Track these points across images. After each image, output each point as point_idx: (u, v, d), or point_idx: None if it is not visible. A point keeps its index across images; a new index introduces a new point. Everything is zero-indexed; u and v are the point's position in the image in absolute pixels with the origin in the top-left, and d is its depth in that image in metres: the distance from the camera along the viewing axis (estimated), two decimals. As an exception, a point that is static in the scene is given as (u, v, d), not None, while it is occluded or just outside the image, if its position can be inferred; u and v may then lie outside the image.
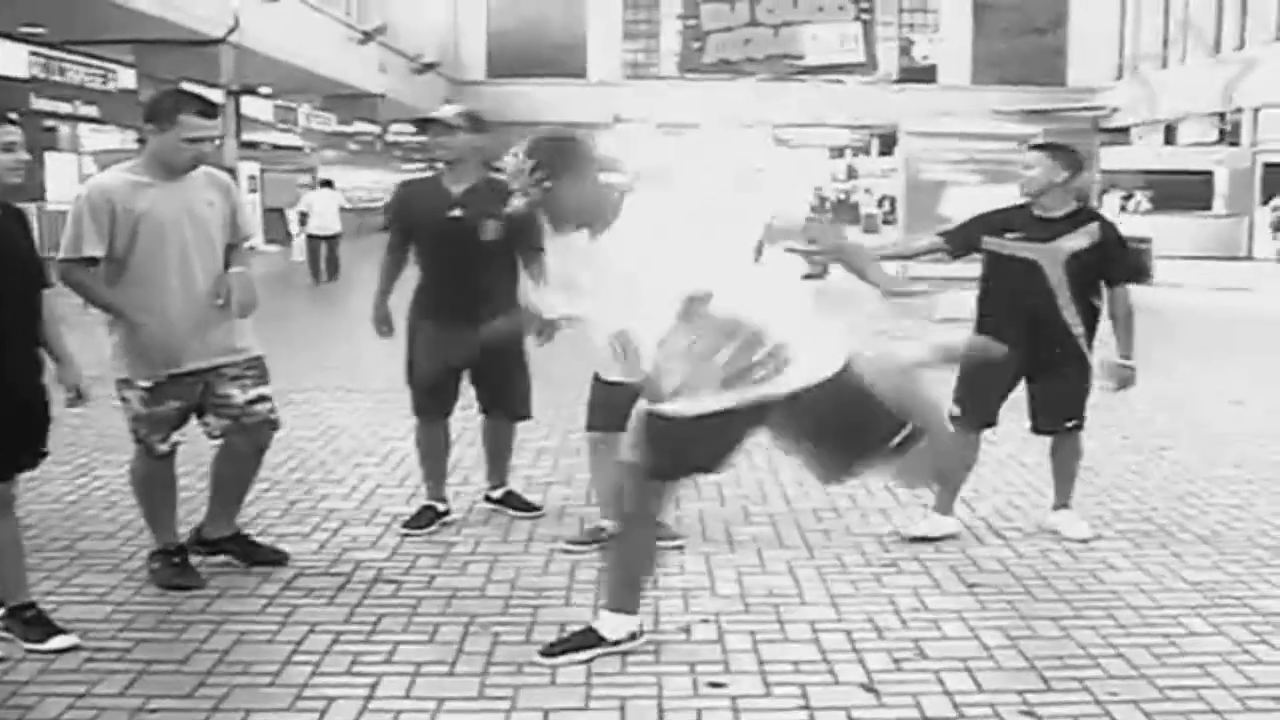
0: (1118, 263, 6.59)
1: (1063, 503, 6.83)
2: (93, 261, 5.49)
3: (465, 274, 6.54)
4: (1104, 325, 6.55)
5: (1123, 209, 34.99)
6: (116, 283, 5.57)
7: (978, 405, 6.56)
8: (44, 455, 5.17)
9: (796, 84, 51.24)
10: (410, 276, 6.80)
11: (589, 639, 4.99)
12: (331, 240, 24.27)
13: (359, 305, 8.59)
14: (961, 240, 6.70)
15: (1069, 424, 6.68)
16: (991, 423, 6.67)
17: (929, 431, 4.80)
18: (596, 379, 6.38)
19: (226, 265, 5.78)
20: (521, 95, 50.35)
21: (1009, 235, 6.51)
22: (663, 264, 4.50)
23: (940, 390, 6.08)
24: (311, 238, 24.71)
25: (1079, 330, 6.48)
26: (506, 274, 6.61)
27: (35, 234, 5.26)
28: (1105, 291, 6.54)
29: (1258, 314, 21.24)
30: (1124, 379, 6.59)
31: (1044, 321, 6.40)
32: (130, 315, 5.50)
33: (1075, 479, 6.86)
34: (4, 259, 4.89)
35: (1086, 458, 6.96)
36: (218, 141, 5.78)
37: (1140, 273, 6.88)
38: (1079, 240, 6.41)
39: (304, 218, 25.07)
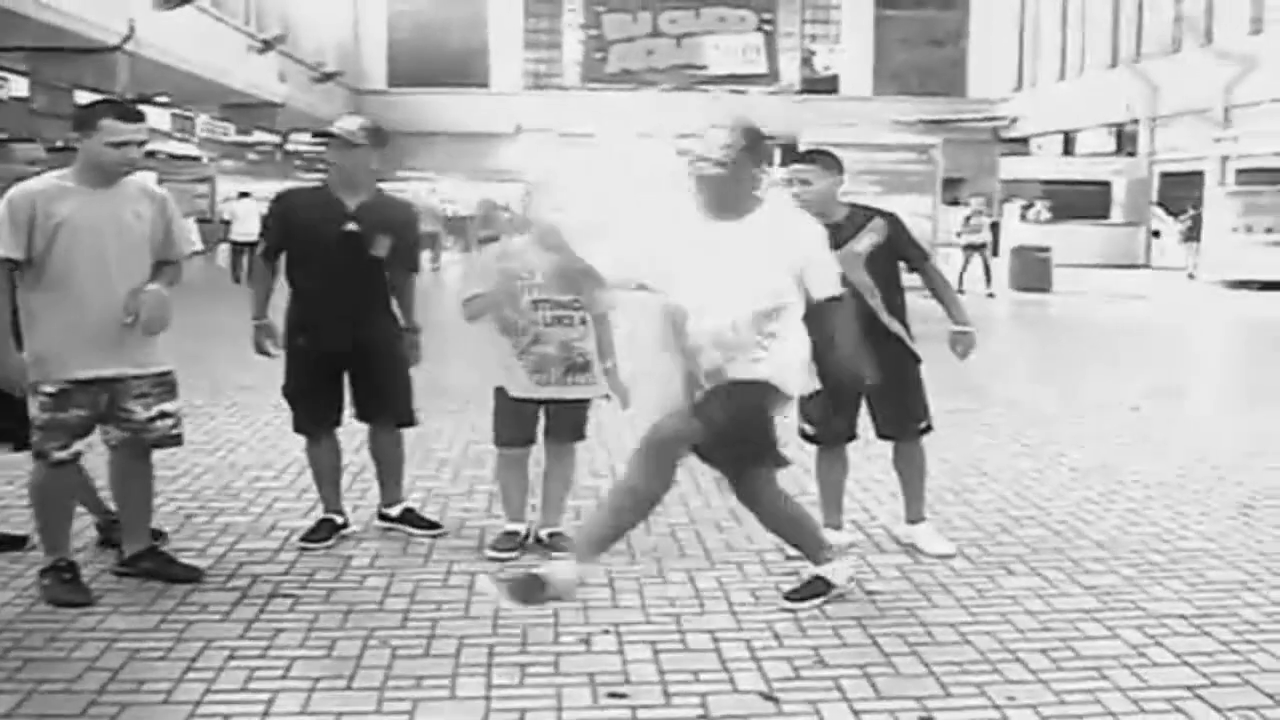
0: (912, 246, 6.57)
1: (918, 516, 6.76)
2: (11, 264, 5.50)
3: (350, 288, 6.49)
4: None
5: (1023, 218, 35.49)
6: (34, 286, 5.57)
7: (827, 422, 6.54)
8: None
9: (699, 94, 51.47)
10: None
11: (819, 586, 5.72)
12: (253, 246, 24.22)
13: (243, 316, 8.52)
14: None
15: (919, 426, 6.65)
16: (850, 436, 6.65)
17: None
18: (501, 393, 6.39)
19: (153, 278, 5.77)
20: (423, 104, 50.19)
21: None
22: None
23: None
24: (234, 244, 26.43)
25: (896, 327, 6.46)
26: (383, 290, 6.67)
27: None
28: (908, 279, 6.56)
29: (1154, 322, 21.62)
30: (967, 344, 6.53)
31: (864, 328, 6.12)
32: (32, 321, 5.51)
33: (924, 486, 6.79)
34: None
35: (985, 464, 7.03)
36: (144, 145, 5.73)
37: (926, 255, 6.82)
38: (869, 239, 6.37)
39: (227, 226, 26.64)
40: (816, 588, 5.71)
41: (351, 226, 6.47)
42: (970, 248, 25.57)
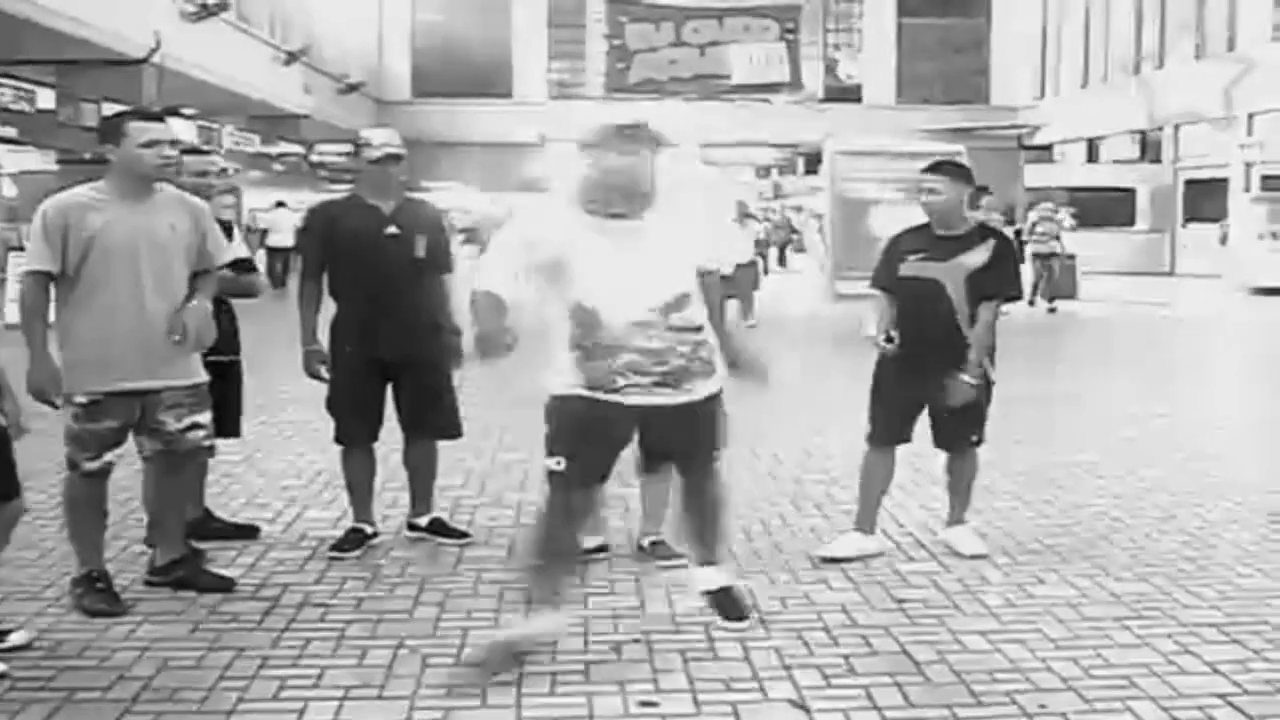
0: (1006, 279, 6.60)
1: (959, 519, 6.87)
2: (48, 277, 5.55)
3: (396, 293, 6.55)
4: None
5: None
6: (69, 299, 5.62)
7: (888, 422, 6.63)
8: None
9: (723, 103, 51.45)
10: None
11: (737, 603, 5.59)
12: (288, 252, 26.61)
13: (272, 324, 8.56)
14: (882, 278, 6.73)
15: (972, 440, 6.71)
16: (904, 439, 6.70)
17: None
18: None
19: (191, 291, 5.80)
20: (447, 115, 50.24)
21: (912, 257, 6.56)
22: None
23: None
24: (271, 250, 28.11)
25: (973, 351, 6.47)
26: (427, 297, 6.71)
27: None
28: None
29: (1182, 329, 21.54)
30: (963, 394, 6.41)
31: (947, 339, 6.40)
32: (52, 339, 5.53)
33: (970, 494, 6.88)
34: None
35: (1014, 475, 7.02)
36: (177, 147, 5.79)
37: (1020, 293, 6.87)
38: (978, 257, 6.45)
39: (265, 234, 28.37)
40: (738, 604, 5.60)
41: (392, 230, 6.56)
42: (1039, 257, 23.73)
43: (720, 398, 5.36)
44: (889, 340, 6.49)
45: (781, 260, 39.39)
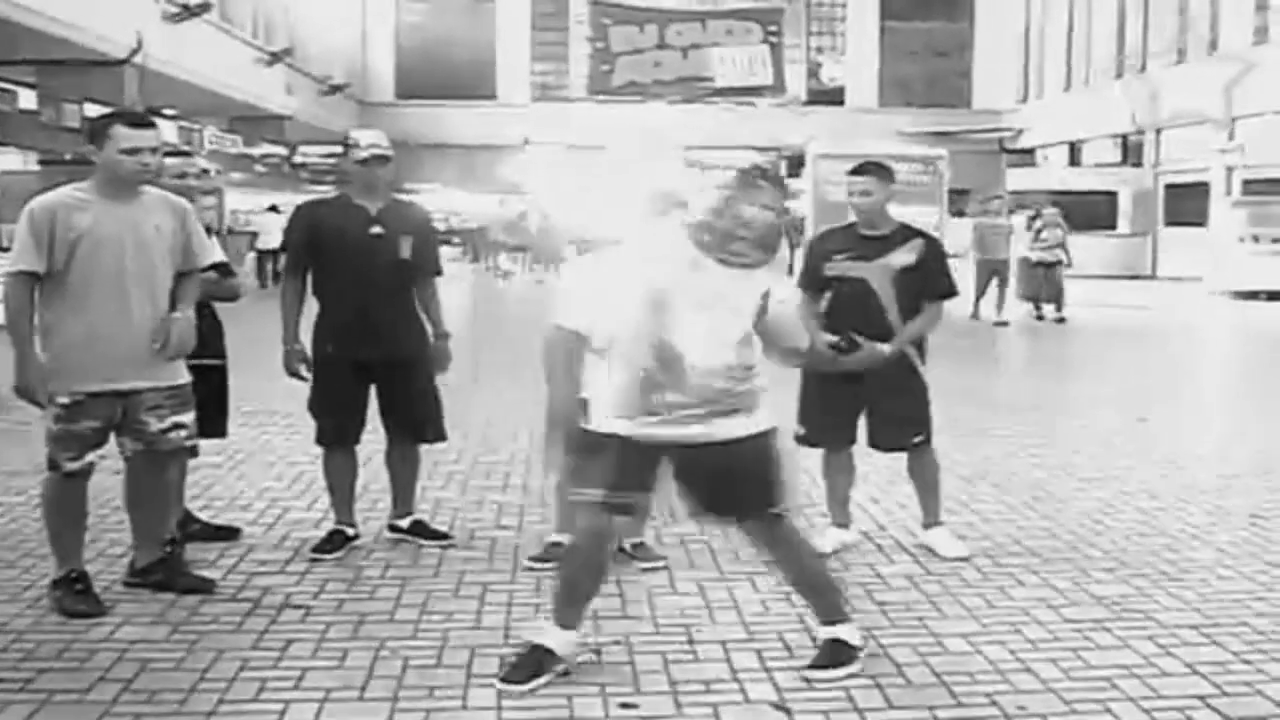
0: (940, 276, 6.69)
1: (934, 520, 6.89)
2: (33, 277, 5.55)
3: (380, 293, 6.57)
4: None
5: (1028, 228, 35.39)
6: (52, 299, 5.62)
7: (826, 427, 6.73)
8: None
9: (706, 106, 51.51)
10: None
11: (842, 653, 5.06)
12: (276, 254, 26.52)
13: (254, 327, 8.55)
14: (810, 280, 6.76)
15: (916, 439, 6.74)
16: (850, 440, 6.80)
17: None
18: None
19: (173, 294, 5.81)
20: (431, 116, 50.21)
21: (839, 257, 6.62)
22: None
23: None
24: (261, 252, 29.85)
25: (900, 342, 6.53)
26: (412, 298, 6.76)
27: None
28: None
29: (1163, 333, 21.61)
30: (859, 358, 6.26)
31: (878, 338, 6.39)
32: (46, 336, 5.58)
33: (939, 492, 6.92)
34: None
35: (994, 477, 7.03)
36: (159, 152, 5.77)
37: (953, 291, 6.87)
38: (904, 257, 6.53)
39: (255, 237, 30.50)
40: (840, 654, 5.09)
41: (377, 229, 6.56)
42: (1041, 265, 22.47)
43: (769, 438, 5.06)
44: (849, 343, 6.25)
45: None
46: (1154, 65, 39.26)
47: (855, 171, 6.71)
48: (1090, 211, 36.36)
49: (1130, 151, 40.93)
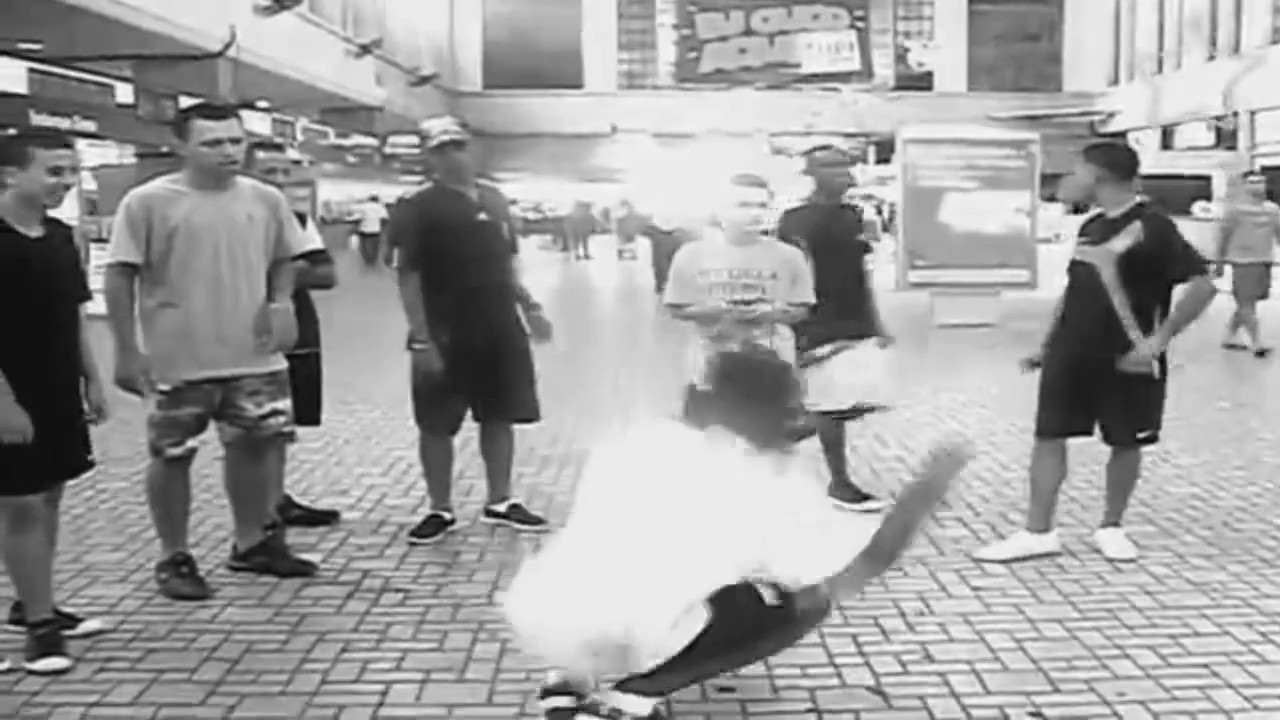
0: (1168, 260, 6.27)
1: (1112, 520, 6.63)
2: (132, 268, 5.66)
3: (489, 278, 6.69)
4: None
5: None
6: (151, 290, 5.73)
7: (1051, 413, 6.49)
8: (90, 465, 5.45)
9: (793, 93, 51.33)
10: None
11: None
12: (375, 237, 34.40)
13: (349, 315, 8.63)
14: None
15: (1140, 435, 6.51)
16: (1072, 431, 6.53)
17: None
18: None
19: (269, 282, 5.91)
20: (519, 106, 50.47)
21: (1080, 240, 6.45)
22: None
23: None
24: (363, 235, 36.82)
25: (1135, 334, 6.21)
26: (510, 275, 6.91)
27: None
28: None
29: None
30: (1134, 360, 6.21)
31: (1104, 324, 6.21)
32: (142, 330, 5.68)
33: (1128, 495, 6.70)
34: (54, 275, 5.08)
35: (1090, 462, 6.97)
36: (241, 143, 5.83)
37: (1199, 266, 6.55)
38: (1124, 240, 6.22)
39: (358, 223, 37.79)
40: None
41: (483, 215, 6.71)
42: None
43: None
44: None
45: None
46: (1247, 45, 38.66)
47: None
48: (1184, 195, 35.90)
49: (1224, 135, 40.33)
